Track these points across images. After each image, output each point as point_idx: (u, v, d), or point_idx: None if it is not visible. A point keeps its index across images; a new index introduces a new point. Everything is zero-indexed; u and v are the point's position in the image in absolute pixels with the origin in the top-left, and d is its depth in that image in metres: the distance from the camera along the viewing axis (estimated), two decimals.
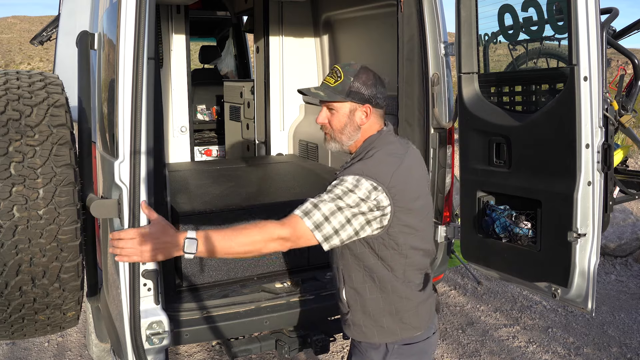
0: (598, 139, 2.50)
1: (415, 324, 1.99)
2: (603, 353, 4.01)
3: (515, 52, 3.06)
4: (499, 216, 2.92)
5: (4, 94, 1.85)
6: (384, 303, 1.96)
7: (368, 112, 1.95)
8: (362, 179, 1.80)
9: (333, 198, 1.79)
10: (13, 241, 1.71)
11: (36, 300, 1.86)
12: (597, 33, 2.44)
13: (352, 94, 1.92)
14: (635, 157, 9.84)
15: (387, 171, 1.84)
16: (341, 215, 1.77)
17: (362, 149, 1.96)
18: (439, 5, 3.24)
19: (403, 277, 1.97)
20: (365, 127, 1.97)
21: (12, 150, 1.73)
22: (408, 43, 3.34)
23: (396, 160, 1.90)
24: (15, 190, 1.71)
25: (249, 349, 2.97)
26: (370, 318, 1.97)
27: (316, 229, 1.78)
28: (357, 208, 1.79)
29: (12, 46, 66.11)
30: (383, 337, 1.97)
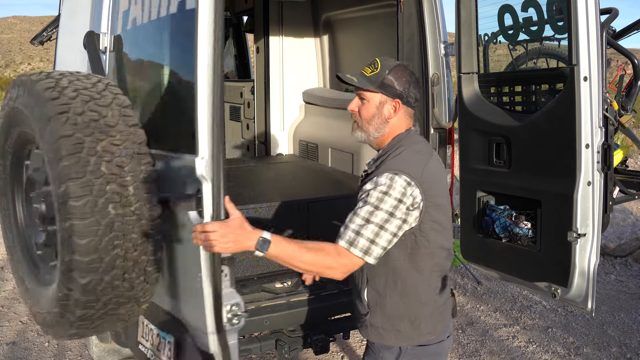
0: (598, 139, 2.51)
1: (431, 330, 2.01)
2: (603, 353, 4.01)
3: (515, 52, 3.06)
4: (499, 216, 2.92)
5: (76, 94, 1.87)
6: (404, 308, 1.98)
7: (397, 107, 1.97)
8: (396, 176, 1.83)
9: (371, 211, 1.81)
10: (110, 237, 1.77)
11: (123, 294, 1.91)
12: (597, 33, 2.45)
13: (384, 87, 1.94)
14: (635, 157, 9.84)
15: (418, 167, 1.88)
16: (384, 233, 1.82)
17: (389, 146, 1.98)
18: (439, 5, 3.25)
19: (428, 279, 1.99)
20: (394, 122, 1.98)
21: (100, 149, 1.78)
22: (408, 43, 3.34)
23: (424, 157, 1.95)
24: (109, 189, 1.76)
25: (249, 349, 2.97)
26: (389, 322, 1.99)
27: (366, 255, 1.83)
28: (397, 214, 1.82)
29: (12, 46, 66.11)
30: (399, 341, 2.00)
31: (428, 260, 1.96)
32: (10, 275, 5.30)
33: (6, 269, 5.48)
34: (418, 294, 1.98)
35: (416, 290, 1.98)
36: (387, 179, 1.83)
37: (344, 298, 3.07)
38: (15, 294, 4.88)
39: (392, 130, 2.00)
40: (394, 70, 1.95)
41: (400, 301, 1.97)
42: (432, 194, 1.89)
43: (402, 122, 2.00)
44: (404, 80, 1.96)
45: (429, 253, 1.95)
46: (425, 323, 2.00)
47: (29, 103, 1.84)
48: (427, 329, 2.00)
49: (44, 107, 1.76)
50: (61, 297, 1.86)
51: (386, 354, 2.02)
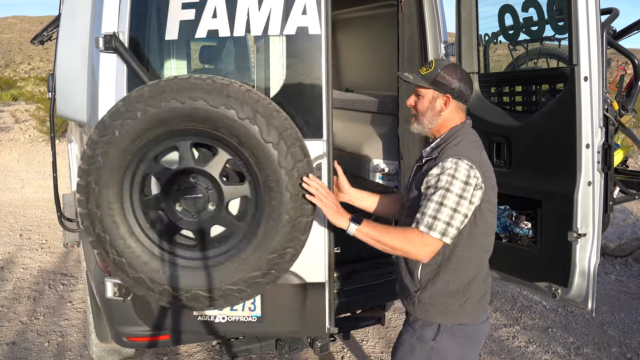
0: (598, 139, 2.50)
1: (472, 311, 2.16)
2: (603, 353, 4.01)
3: (516, 52, 3.06)
4: (499, 216, 2.92)
5: (262, 97, 2.23)
6: (454, 286, 2.12)
7: (447, 102, 2.14)
8: (459, 160, 2.02)
9: (444, 195, 2.00)
10: (298, 203, 2.27)
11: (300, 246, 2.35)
12: (597, 33, 2.45)
13: (436, 83, 2.14)
14: (635, 157, 9.84)
15: (476, 152, 2.09)
16: (458, 215, 2.00)
17: (447, 136, 2.15)
18: (439, 5, 3.24)
19: (479, 259, 2.16)
20: (446, 116, 2.16)
21: (291, 141, 2.22)
22: (408, 43, 3.34)
23: (479, 145, 2.16)
24: (293, 172, 2.23)
25: (249, 349, 2.97)
26: (438, 298, 2.13)
27: (444, 236, 2.01)
28: (465, 195, 2.00)
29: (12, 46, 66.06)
30: (443, 318, 2.14)
31: (483, 239, 2.14)
32: (10, 275, 5.30)
33: (6, 269, 5.49)
34: (469, 272, 2.14)
35: (468, 268, 2.13)
36: (452, 164, 2.02)
37: (344, 298, 3.08)
38: (15, 294, 4.89)
39: (444, 122, 2.17)
40: (446, 69, 2.14)
41: (453, 278, 2.12)
42: (488, 176, 2.09)
43: (455, 115, 2.17)
44: (455, 77, 2.13)
45: (484, 232, 2.13)
46: (471, 303, 2.14)
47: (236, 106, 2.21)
48: (470, 309, 2.15)
49: (258, 107, 2.21)
50: (275, 257, 2.29)
51: (426, 330, 2.16)
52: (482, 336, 2.27)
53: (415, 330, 2.19)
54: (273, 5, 2.40)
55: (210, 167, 2.30)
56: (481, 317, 2.20)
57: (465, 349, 2.20)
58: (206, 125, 2.20)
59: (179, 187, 2.33)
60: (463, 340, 2.17)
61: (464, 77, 2.15)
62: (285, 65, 2.55)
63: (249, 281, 2.34)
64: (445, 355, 2.15)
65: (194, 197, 2.33)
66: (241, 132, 2.18)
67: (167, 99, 2.16)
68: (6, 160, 11.13)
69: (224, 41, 2.54)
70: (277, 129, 2.20)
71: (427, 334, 2.15)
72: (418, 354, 2.17)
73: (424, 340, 2.16)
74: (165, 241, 2.38)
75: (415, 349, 2.17)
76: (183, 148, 2.29)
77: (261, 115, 2.18)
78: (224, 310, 2.60)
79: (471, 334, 2.18)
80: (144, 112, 2.17)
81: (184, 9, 2.39)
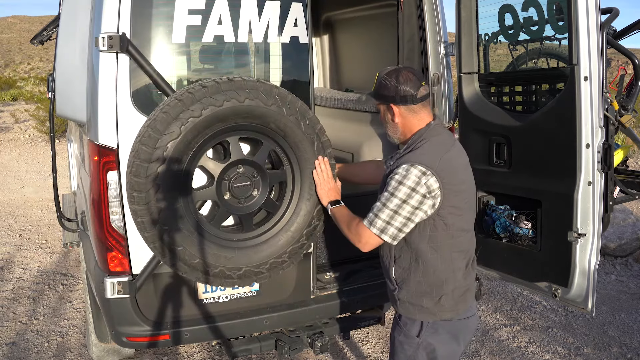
0: (598, 138, 2.50)
1: (450, 308, 2.21)
2: (603, 353, 4.01)
3: (516, 52, 3.05)
4: (499, 216, 2.92)
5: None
6: (426, 286, 2.19)
7: (395, 110, 2.19)
8: (411, 167, 2.07)
9: (388, 198, 2.10)
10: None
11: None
12: (597, 33, 2.44)
13: (379, 97, 2.23)
14: (635, 157, 9.84)
15: (435, 157, 2.10)
16: (398, 217, 2.10)
17: (412, 141, 2.19)
18: (439, 5, 3.24)
19: (448, 260, 2.19)
20: (402, 122, 2.21)
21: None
22: (408, 43, 3.34)
23: (443, 147, 2.16)
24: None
25: (249, 348, 2.97)
26: (413, 297, 2.22)
27: (382, 233, 2.14)
28: (410, 201, 2.07)
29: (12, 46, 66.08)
30: (422, 315, 2.22)
31: (447, 240, 2.17)
32: (10, 275, 5.30)
33: (5, 269, 5.49)
34: (438, 273, 2.19)
35: (436, 269, 2.18)
36: (403, 170, 2.08)
37: (344, 298, 3.08)
38: (15, 294, 4.89)
39: (405, 129, 2.23)
40: (382, 78, 2.19)
41: (423, 280, 2.20)
42: (450, 181, 2.10)
43: (412, 118, 2.20)
44: (391, 85, 2.17)
45: (448, 235, 2.16)
46: (447, 301, 2.20)
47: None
48: (448, 306, 2.20)
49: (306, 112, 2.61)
50: (310, 229, 2.72)
51: (410, 327, 2.25)
52: (467, 331, 2.32)
53: (401, 328, 2.28)
54: (271, 17, 2.65)
55: (258, 157, 2.62)
56: (463, 313, 2.25)
57: (450, 345, 2.26)
58: (259, 121, 2.50)
59: (229, 177, 2.59)
60: (447, 337, 2.24)
61: (402, 77, 2.15)
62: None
63: (290, 253, 2.71)
64: (432, 350, 2.23)
65: (244, 185, 2.62)
66: (288, 127, 2.54)
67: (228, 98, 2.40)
68: (6, 160, 11.13)
69: (225, 44, 2.60)
70: (312, 124, 2.59)
71: (412, 331, 2.24)
72: (407, 350, 2.26)
73: (410, 337, 2.25)
74: (219, 227, 2.62)
75: (404, 345, 2.27)
76: (233, 142, 2.56)
77: (301, 113, 2.55)
78: (226, 290, 2.80)
79: (454, 330, 2.25)
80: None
81: (190, 14, 2.51)
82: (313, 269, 2.98)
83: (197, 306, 2.77)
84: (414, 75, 2.18)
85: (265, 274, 2.69)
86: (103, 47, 2.34)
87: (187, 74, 2.62)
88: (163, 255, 2.48)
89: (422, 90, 2.18)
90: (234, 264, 2.60)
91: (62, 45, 2.78)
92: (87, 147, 2.67)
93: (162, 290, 2.70)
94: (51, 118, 3.24)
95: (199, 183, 2.59)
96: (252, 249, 2.65)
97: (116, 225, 2.52)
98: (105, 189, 2.48)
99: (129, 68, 2.42)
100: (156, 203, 2.39)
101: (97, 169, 2.48)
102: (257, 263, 2.65)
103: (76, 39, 2.67)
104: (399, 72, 2.18)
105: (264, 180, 2.66)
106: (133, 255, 2.56)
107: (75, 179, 4.16)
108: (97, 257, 2.69)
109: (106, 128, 2.44)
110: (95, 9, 2.47)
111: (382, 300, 3.25)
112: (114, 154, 2.45)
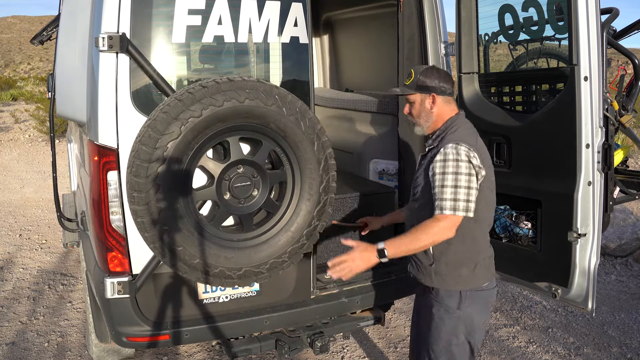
0: (598, 139, 2.50)
1: (484, 275, 2.41)
2: (603, 353, 4.01)
3: (516, 52, 3.06)
4: (499, 216, 2.92)
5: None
6: (465, 255, 2.36)
7: (434, 99, 2.40)
8: (458, 145, 2.25)
9: (455, 178, 2.22)
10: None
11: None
12: (597, 33, 2.44)
13: (420, 88, 2.41)
14: (635, 157, 9.84)
15: (472, 138, 2.34)
16: (472, 191, 2.24)
17: (445, 126, 2.39)
18: (439, 5, 3.24)
19: (483, 230, 2.39)
20: (438, 111, 2.41)
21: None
22: (408, 43, 3.34)
23: (474, 132, 2.41)
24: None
25: (249, 348, 2.97)
26: (451, 268, 2.37)
27: (467, 212, 2.23)
28: (472, 172, 2.24)
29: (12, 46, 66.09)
30: (459, 285, 2.37)
31: (484, 213, 2.35)
32: (10, 275, 5.30)
33: (6, 269, 5.49)
34: (476, 243, 2.38)
35: (475, 239, 2.37)
36: (452, 149, 2.25)
37: (344, 298, 3.08)
38: (15, 294, 4.89)
39: (439, 117, 2.42)
40: (423, 73, 2.41)
41: (462, 249, 2.35)
42: (485, 157, 2.34)
43: (446, 108, 2.42)
44: (434, 78, 2.40)
45: (485, 207, 2.34)
46: (480, 269, 2.39)
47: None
48: (481, 274, 2.39)
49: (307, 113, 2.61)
50: (310, 229, 2.72)
51: (449, 300, 2.38)
52: (492, 301, 2.52)
53: (440, 303, 2.40)
54: (271, 18, 2.67)
55: (258, 157, 2.63)
56: (493, 281, 2.47)
57: (484, 315, 2.46)
58: (259, 121, 2.52)
59: (229, 177, 2.60)
60: (482, 306, 2.43)
61: (441, 75, 2.42)
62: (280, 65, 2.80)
63: (290, 253, 2.71)
64: (471, 321, 2.39)
65: (244, 185, 2.63)
66: (288, 127, 2.55)
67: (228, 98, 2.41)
68: (6, 160, 11.13)
69: (225, 44, 2.61)
70: (312, 124, 2.60)
71: (451, 304, 2.38)
72: (447, 325, 2.39)
73: (450, 311, 2.38)
74: (219, 227, 2.63)
75: (444, 319, 2.39)
76: (233, 142, 2.57)
77: (301, 113, 2.57)
78: (226, 290, 2.81)
79: (487, 298, 2.45)
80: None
81: (190, 14, 2.51)
82: (313, 269, 2.98)
83: (197, 306, 2.77)
84: (446, 74, 2.47)
85: (265, 274, 2.69)
86: (103, 47, 2.34)
87: (187, 74, 2.62)
88: (163, 256, 2.48)
89: (454, 87, 2.48)
90: (234, 264, 2.60)
91: (62, 45, 2.78)
92: (87, 147, 2.67)
93: (162, 290, 2.70)
94: (51, 118, 3.24)
95: (199, 183, 2.59)
96: (252, 249, 2.65)
97: (116, 225, 2.52)
98: (105, 189, 2.48)
99: (129, 68, 2.42)
100: (156, 203, 2.39)
101: (97, 169, 2.48)
102: (257, 263, 2.65)
103: (76, 39, 2.67)
104: (438, 69, 2.45)
105: (264, 180, 2.66)
106: (133, 255, 2.56)
107: (75, 179, 4.17)
108: (97, 257, 2.69)
109: (106, 128, 2.44)
110: (95, 9, 2.46)
111: (383, 300, 3.26)
112: (114, 154, 2.45)
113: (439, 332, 2.40)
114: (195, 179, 2.55)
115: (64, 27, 2.79)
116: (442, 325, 2.39)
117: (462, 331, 2.38)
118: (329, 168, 2.70)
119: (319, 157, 2.65)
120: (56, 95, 2.82)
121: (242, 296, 2.85)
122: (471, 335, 2.41)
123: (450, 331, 2.38)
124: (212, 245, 2.55)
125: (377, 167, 4.02)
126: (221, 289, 2.80)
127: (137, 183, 2.35)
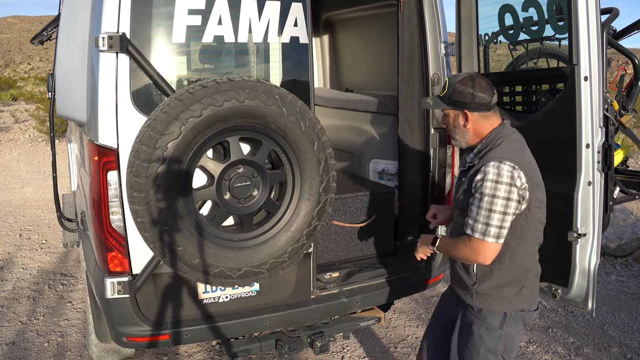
0: (598, 139, 2.50)
1: (528, 297, 2.32)
2: (603, 353, 4.01)
3: (516, 52, 3.06)
4: None
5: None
6: (510, 276, 2.27)
7: (467, 116, 2.24)
8: (501, 164, 2.11)
9: (490, 201, 2.11)
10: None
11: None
12: (597, 33, 2.44)
13: (452, 103, 2.25)
14: (635, 157, 9.84)
15: (519, 153, 2.19)
16: (507, 217, 2.13)
17: (488, 140, 2.24)
18: (439, 5, 3.24)
19: (530, 251, 2.29)
20: (473, 127, 2.26)
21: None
22: (408, 43, 3.34)
23: (521, 144, 2.26)
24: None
25: (249, 349, 2.97)
26: (495, 289, 2.29)
27: (497, 239, 2.15)
28: (512, 197, 2.11)
29: (12, 46, 66.08)
30: (502, 306, 2.29)
31: (533, 234, 2.26)
32: (9, 275, 5.30)
33: (5, 269, 5.49)
34: (524, 264, 2.28)
35: (522, 260, 2.27)
36: (494, 168, 2.12)
37: (344, 298, 3.08)
38: (14, 294, 4.89)
39: (475, 133, 2.27)
40: (458, 84, 2.23)
41: (508, 272, 2.27)
42: (533, 174, 2.19)
43: (484, 123, 2.25)
44: (467, 92, 2.21)
45: (535, 228, 2.25)
46: (526, 291, 2.30)
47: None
48: (526, 295, 2.31)
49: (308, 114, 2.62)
50: (311, 229, 2.73)
51: (492, 319, 2.30)
52: (530, 323, 2.45)
53: (482, 321, 2.32)
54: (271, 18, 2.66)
55: (258, 157, 2.62)
56: (534, 304, 2.37)
57: (521, 335, 2.40)
58: (259, 121, 2.51)
59: (229, 177, 2.60)
60: (522, 327, 2.35)
61: (478, 86, 2.20)
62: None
63: (290, 253, 2.71)
64: (512, 340, 2.33)
65: (244, 185, 2.63)
66: (288, 127, 2.55)
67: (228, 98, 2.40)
68: (6, 160, 11.13)
69: (225, 44, 2.61)
70: (312, 124, 2.60)
71: (494, 323, 2.30)
72: (487, 343, 2.31)
73: (492, 329, 2.30)
74: (219, 227, 2.62)
75: (484, 338, 2.32)
76: (233, 142, 2.57)
77: (301, 113, 2.56)
78: (226, 290, 2.80)
79: (529, 320, 2.36)
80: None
81: (190, 14, 2.51)
82: (313, 269, 2.98)
83: (197, 306, 2.77)
84: (486, 83, 2.24)
85: (265, 274, 2.69)
86: (103, 47, 2.34)
87: (187, 74, 2.62)
88: (163, 256, 2.48)
89: (495, 97, 2.26)
90: (234, 264, 2.60)
91: (62, 45, 2.78)
92: (87, 147, 2.67)
93: (162, 290, 2.70)
94: (51, 118, 3.24)
95: (199, 183, 2.59)
96: (252, 249, 2.65)
97: (116, 225, 2.52)
98: (105, 189, 2.48)
99: (129, 68, 2.42)
100: (156, 203, 2.39)
101: (97, 169, 2.48)
102: (257, 263, 2.65)
103: (76, 39, 2.67)
104: (474, 80, 2.22)
105: (264, 180, 2.66)
106: (133, 255, 2.56)
107: (75, 179, 4.17)
108: (97, 257, 2.69)
109: (106, 128, 2.44)
110: (95, 9, 2.46)
111: (383, 300, 3.26)
112: (114, 154, 2.45)
113: (477, 350, 2.32)
114: (195, 179, 2.55)
115: (64, 27, 2.79)
116: (482, 344, 2.32)
117: (500, 350, 2.32)
118: (329, 168, 2.69)
119: (319, 157, 2.65)
120: (56, 95, 2.82)
121: (242, 296, 2.85)
122: (507, 353, 2.34)
123: (489, 350, 2.31)
124: (212, 245, 2.55)
125: (377, 167, 4.02)
126: (221, 289, 2.80)
127: (137, 183, 2.35)
